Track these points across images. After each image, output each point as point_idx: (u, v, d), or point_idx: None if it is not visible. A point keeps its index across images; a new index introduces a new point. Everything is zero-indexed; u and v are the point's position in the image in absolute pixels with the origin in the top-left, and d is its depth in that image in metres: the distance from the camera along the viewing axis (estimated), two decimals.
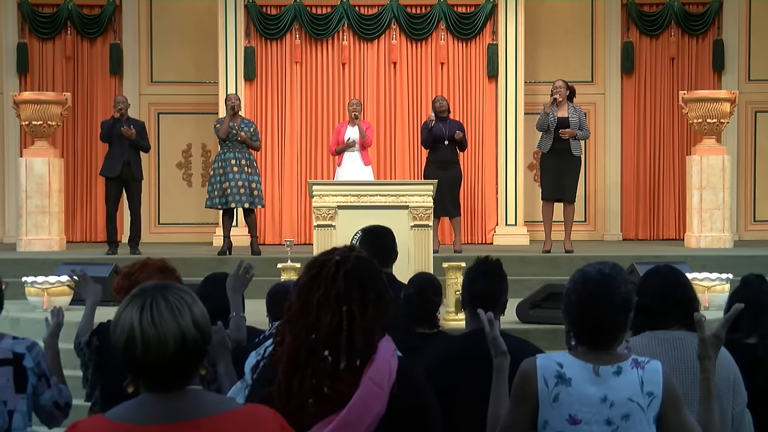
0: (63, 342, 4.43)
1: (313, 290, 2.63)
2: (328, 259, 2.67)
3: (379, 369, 2.59)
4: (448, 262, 7.79)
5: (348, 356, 2.58)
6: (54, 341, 4.16)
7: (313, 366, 2.58)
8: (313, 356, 2.58)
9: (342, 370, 2.57)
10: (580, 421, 2.85)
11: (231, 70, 12.94)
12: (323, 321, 2.59)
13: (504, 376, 3.16)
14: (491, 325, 3.19)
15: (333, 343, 2.58)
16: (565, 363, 2.90)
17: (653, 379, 2.88)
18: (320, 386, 2.56)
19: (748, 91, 13.57)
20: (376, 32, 13.22)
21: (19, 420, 3.84)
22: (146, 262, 4.14)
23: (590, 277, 2.91)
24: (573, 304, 2.91)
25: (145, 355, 2.15)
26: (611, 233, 13.68)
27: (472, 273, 3.87)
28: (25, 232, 11.58)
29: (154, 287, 2.23)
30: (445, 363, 3.73)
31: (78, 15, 13.53)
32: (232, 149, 10.88)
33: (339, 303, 2.60)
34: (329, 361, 2.57)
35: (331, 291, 2.61)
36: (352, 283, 2.63)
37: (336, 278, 2.62)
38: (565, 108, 10.86)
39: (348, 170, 11.17)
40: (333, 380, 2.57)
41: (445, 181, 10.75)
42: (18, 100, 11.80)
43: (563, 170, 10.87)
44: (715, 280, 8.77)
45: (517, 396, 2.95)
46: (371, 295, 2.64)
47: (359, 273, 2.65)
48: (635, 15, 13.67)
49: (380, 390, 2.57)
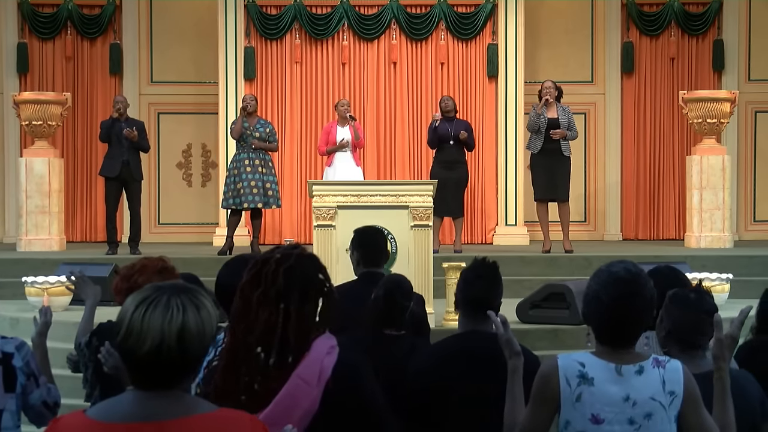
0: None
1: (254, 289, 2.64)
2: (269, 258, 2.67)
3: (309, 366, 2.59)
4: (448, 262, 7.79)
5: (279, 353, 2.58)
6: (42, 340, 4.14)
7: (247, 364, 2.58)
8: (248, 354, 2.58)
9: (272, 367, 2.56)
10: (603, 420, 2.86)
11: (231, 70, 12.94)
12: (260, 318, 2.59)
13: (519, 378, 3.15)
14: (505, 327, 3.18)
15: (267, 341, 2.58)
16: (587, 363, 2.90)
17: (674, 377, 2.90)
18: (251, 383, 2.57)
19: (748, 91, 13.56)
20: (376, 32, 13.22)
21: (8, 419, 3.83)
22: (145, 263, 4.12)
23: (620, 277, 2.91)
24: (604, 303, 2.90)
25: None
26: (611, 233, 13.68)
27: (469, 274, 3.88)
28: (25, 232, 11.58)
29: (171, 286, 2.25)
30: (439, 364, 3.74)
31: (78, 15, 13.53)
32: (246, 150, 10.88)
33: (278, 301, 2.61)
34: (261, 358, 2.58)
35: (271, 289, 2.62)
36: (292, 281, 2.63)
37: (276, 276, 2.63)
38: (554, 109, 10.85)
39: (339, 170, 11.14)
40: (264, 377, 2.57)
41: (451, 181, 10.76)
42: (18, 100, 11.80)
43: (555, 170, 10.87)
44: (715, 280, 8.78)
45: (538, 397, 2.95)
46: (311, 293, 2.65)
47: (300, 271, 2.66)
48: (635, 15, 13.66)
49: (308, 386, 2.57)
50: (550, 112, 10.81)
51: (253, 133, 10.87)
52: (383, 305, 4.39)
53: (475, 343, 3.72)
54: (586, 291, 2.97)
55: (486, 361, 3.60)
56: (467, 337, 3.79)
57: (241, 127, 10.86)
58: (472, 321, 3.80)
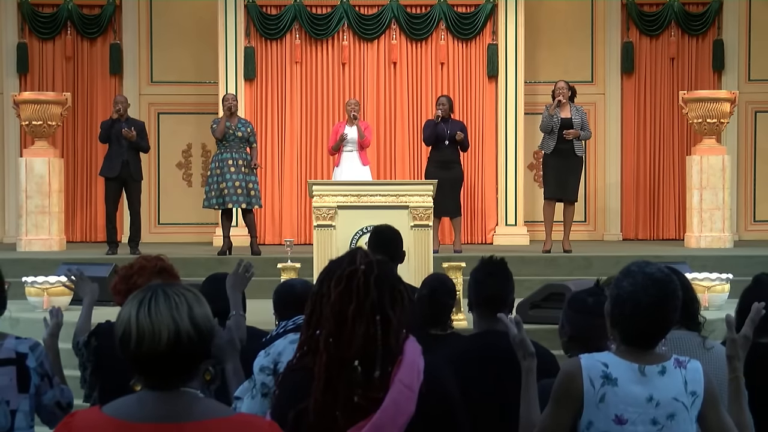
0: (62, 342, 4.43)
1: (346, 304, 2.59)
2: (354, 270, 2.62)
3: (408, 370, 2.57)
4: (448, 262, 7.79)
5: (382, 364, 2.56)
6: (54, 341, 4.16)
7: (346, 378, 2.56)
8: (346, 369, 2.56)
9: (376, 378, 2.54)
10: (627, 421, 2.86)
11: (231, 70, 12.94)
12: (358, 333, 2.56)
13: (533, 378, 3.14)
14: (518, 327, 3.15)
15: (366, 353, 2.56)
16: (610, 363, 2.90)
17: (695, 378, 2.90)
18: (350, 396, 2.54)
19: (748, 91, 13.56)
20: (376, 32, 13.22)
21: (21, 420, 3.84)
22: (144, 264, 4.11)
23: (658, 278, 2.90)
24: (642, 305, 2.88)
25: (139, 347, 2.17)
26: (611, 233, 13.68)
27: (478, 274, 3.85)
28: (25, 232, 11.58)
29: (159, 285, 2.25)
30: (458, 365, 3.71)
31: (78, 15, 13.53)
32: (229, 149, 10.89)
33: (373, 312, 2.58)
34: (359, 371, 2.55)
35: (366, 302, 2.58)
36: (383, 290, 2.61)
37: (368, 288, 2.59)
38: (567, 109, 10.90)
39: (346, 170, 11.18)
40: (366, 389, 2.54)
41: (446, 181, 10.76)
42: (18, 100, 11.79)
43: (567, 170, 10.92)
44: (715, 280, 8.77)
45: (560, 397, 2.93)
46: (398, 298, 2.63)
47: (387, 278, 2.64)
48: (635, 15, 13.66)
49: (410, 391, 2.55)
50: (563, 112, 10.87)
51: (236, 133, 10.88)
52: (428, 305, 4.36)
53: (492, 343, 3.69)
54: (618, 292, 2.93)
55: (504, 361, 3.58)
56: (484, 338, 3.76)
57: (224, 127, 10.88)
58: (487, 321, 3.77)
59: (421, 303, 4.35)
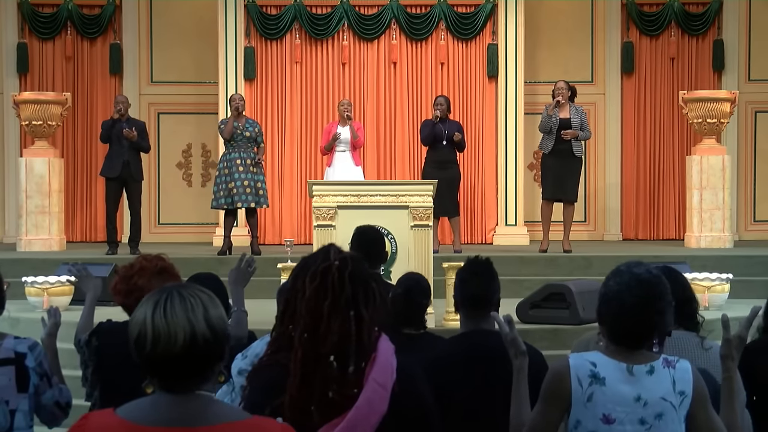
0: (63, 341, 4.43)
1: (321, 299, 2.60)
2: (328, 266, 2.64)
3: (382, 369, 2.58)
4: (448, 262, 7.79)
5: (356, 360, 2.57)
6: (52, 341, 4.16)
7: (320, 374, 2.56)
8: (321, 365, 2.57)
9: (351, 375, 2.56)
10: (614, 420, 2.86)
11: (231, 70, 12.94)
12: (333, 328, 2.57)
13: (524, 377, 3.14)
14: (510, 326, 3.16)
15: (341, 349, 2.57)
16: (598, 362, 2.91)
17: (684, 377, 2.91)
18: (325, 392, 2.55)
19: (748, 91, 13.56)
20: (376, 32, 13.22)
21: (21, 419, 3.85)
22: (144, 265, 4.09)
23: (644, 279, 2.91)
24: (626, 304, 2.89)
25: (154, 349, 2.16)
26: (611, 233, 13.68)
27: (463, 274, 3.87)
28: (25, 232, 11.58)
29: (174, 286, 2.24)
30: (444, 365, 3.72)
31: (78, 15, 13.53)
32: (237, 149, 10.91)
33: (348, 308, 2.59)
34: (334, 366, 2.56)
35: (341, 297, 2.59)
36: (357, 287, 2.62)
37: (343, 283, 2.60)
38: (566, 109, 10.90)
39: (338, 170, 11.16)
40: (340, 385, 2.55)
41: (443, 181, 10.74)
42: (18, 100, 11.80)
43: (565, 171, 10.91)
44: (715, 280, 8.78)
45: (548, 396, 2.94)
46: (373, 294, 2.64)
47: (361, 274, 2.65)
48: (635, 15, 13.66)
49: (384, 390, 2.56)
50: (562, 113, 10.87)
51: (243, 133, 10.89)
52: (402, 304, 4.36)
53: (478, 343, 3.70)
54: (604, 290, 2.95)
55: (491, 361, 3.59)
56: (470, 338, 3.77)
57: (233, 127, 10.88)
58: (473, 321, 3.79)
59: (395, 302, 4.36)
